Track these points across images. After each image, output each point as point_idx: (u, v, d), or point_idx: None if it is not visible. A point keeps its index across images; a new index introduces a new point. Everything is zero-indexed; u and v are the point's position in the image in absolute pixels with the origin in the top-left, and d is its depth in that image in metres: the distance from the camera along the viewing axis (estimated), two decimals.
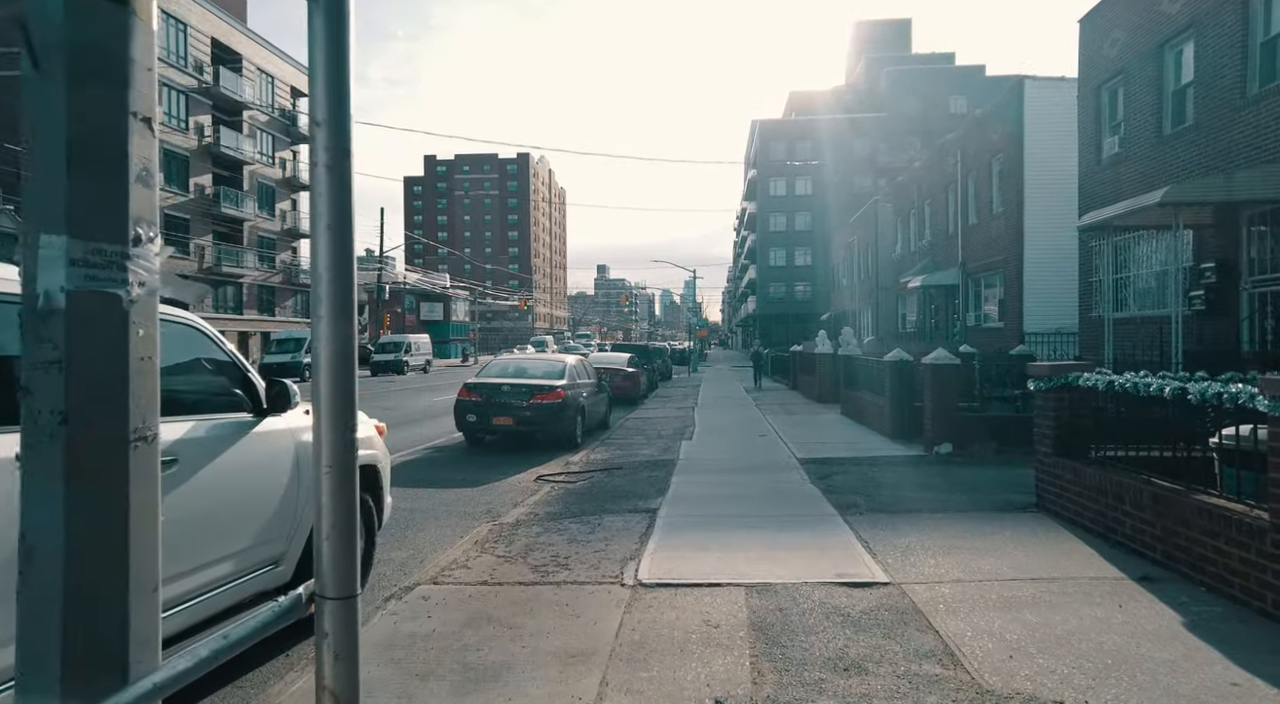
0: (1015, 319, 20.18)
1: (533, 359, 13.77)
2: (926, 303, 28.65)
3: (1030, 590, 4.68)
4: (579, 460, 11.09)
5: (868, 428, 13.99)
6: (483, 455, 11.88)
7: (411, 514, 7.74)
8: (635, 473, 9.82)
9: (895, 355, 12.47)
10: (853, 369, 16.13)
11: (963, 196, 24.11)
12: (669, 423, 16.20)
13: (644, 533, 6.41)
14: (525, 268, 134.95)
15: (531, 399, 11.87)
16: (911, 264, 29.97)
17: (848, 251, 43.84)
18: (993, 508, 7.12)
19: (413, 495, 8.70)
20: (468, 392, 12.14)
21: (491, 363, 13.60)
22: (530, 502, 8.21)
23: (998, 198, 21.50)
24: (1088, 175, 15.80)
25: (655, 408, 20.46)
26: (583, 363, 14.25)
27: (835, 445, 11.88)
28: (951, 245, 25.28)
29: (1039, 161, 19.51)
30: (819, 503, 7.54)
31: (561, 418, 12.01)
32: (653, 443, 12.88)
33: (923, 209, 28.90)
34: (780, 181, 72.63)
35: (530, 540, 6.31)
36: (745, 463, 10.33)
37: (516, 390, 11.97)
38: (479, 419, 11.91)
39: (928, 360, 10.40)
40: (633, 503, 7.83)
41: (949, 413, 10.28)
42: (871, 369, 14.16)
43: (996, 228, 21.35)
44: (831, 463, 10.03)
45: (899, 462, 10.04)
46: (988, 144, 21.75)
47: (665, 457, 11.11)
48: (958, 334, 24.44)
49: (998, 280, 21.82)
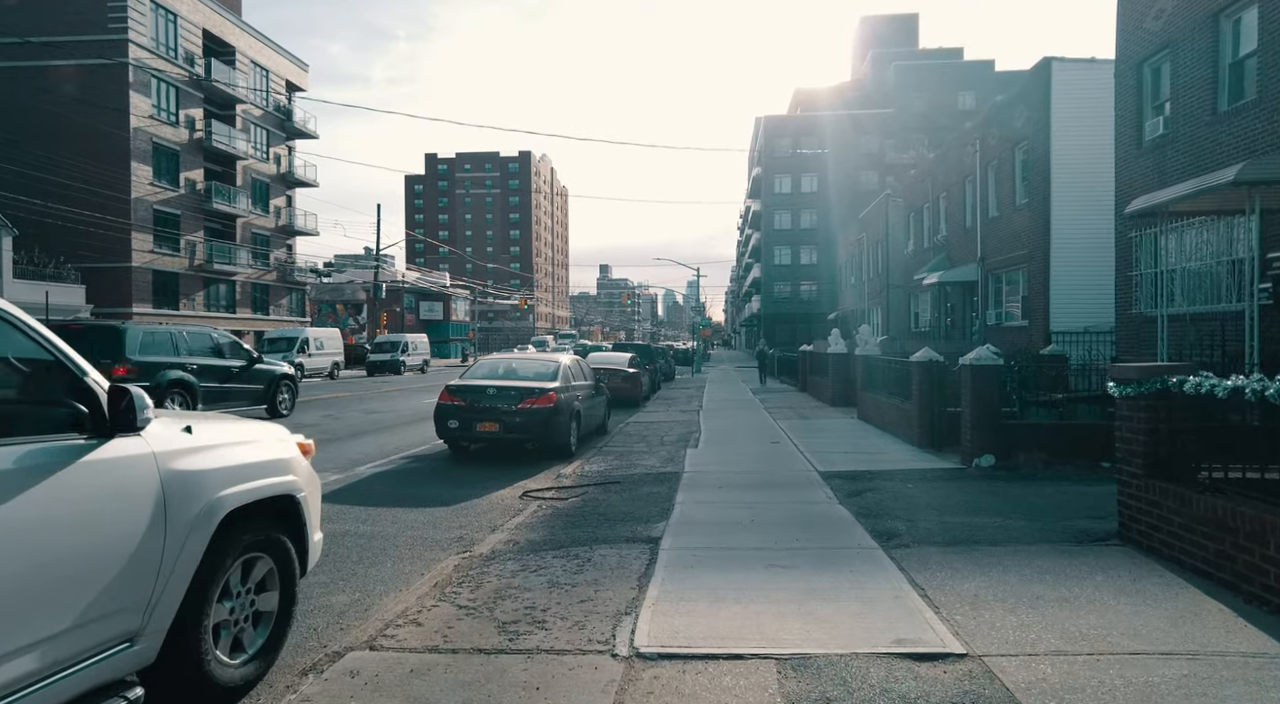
0: (1041, 317, 18.94)
1: (523, 359, 12.57)
2: (941, 301, 27.42)
3: (1167, 671, 3.46)
4: (572, 472, 9.89)
5: (891, 435, 12.77)
6: (465, 466, 10.68)
7: (369, 542, 6.54)
8: (635, 488, 8.62)
9: (924, 355, 11.25)
10: (872, 370, 14.90)
11: (982, 189, 22.88)
12: (672, 428, 15.00)
13: (643, 573, 5.21)
14: (527, 267, 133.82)
15: (520, 403, 10.66)
16: (925, 261, 28.75)
17: (856, 249, 42.60)
18: (1065, 538, 5.90)
19: (375, 517, 7.50)
20: (450, 395, 10.93)
21: (479, 363, 12.39)
22: (511, 525, 7.01)
23: (1021, 188, 20.27)
24: (1126, 161, 14.57)
25: (658, 411, 19.26)
26: (578, 363, 13.04)
27: (858, 455, 10.66)
28: (969, 240, 24.04)
29: (1068, 149, 18.27)
30: (853, 531, 6.32)
31: (553, 424, 10.81)
32: (655, 451, 11.67)
33: (937, 203, 27.67)
34: (785, 178, 71.37)
35: (503, 582, 5.11)
36: (759, 477, 9.12)
37: (503, 394, 10.77)
38: (461, 425, 10.70)
39: (967, 360, 9.19)
40: (631, 528, 6.63)
41: (991, 420, 9.06)
42: (894, 370, 12.94)
43: (1020, 220, 20.11)
44: (859, 478, 8.81)
45: (936, 476, 8.82)
46: (1010, 132, 20.52)
47: (668, 468, 9.91)
48: (976, 333, 23.21)
49: (1021, 276, 20.58)
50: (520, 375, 11.62)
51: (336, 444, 12.73)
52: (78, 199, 34.89)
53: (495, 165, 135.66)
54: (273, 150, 50.37)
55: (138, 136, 37.69)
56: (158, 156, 39.47)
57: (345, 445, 12.63)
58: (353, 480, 9.53)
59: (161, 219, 39.83)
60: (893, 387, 12.97)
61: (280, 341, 36.24)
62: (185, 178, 41.58)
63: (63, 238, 34.70)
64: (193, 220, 42.32)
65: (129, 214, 37.25)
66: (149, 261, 38.85)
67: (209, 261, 43.20)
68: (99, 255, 36.55)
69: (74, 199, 34.75)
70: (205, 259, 43.03)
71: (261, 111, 48.76)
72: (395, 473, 10.16)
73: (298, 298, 53.91)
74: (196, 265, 42.51)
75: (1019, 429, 9.18)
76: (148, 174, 38.51)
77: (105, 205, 35.94)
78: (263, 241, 49.40)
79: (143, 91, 37.97)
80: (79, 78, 36.38)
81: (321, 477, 9.96)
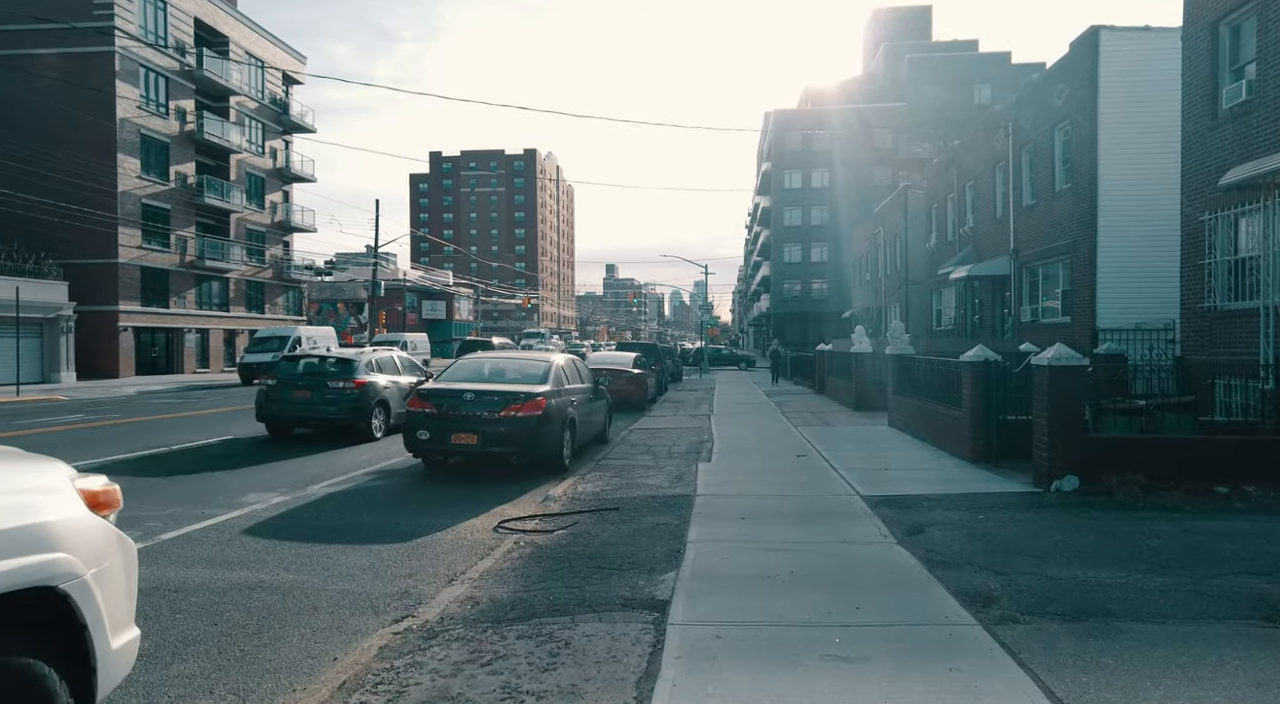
0: (1085, 313, 17.22)
1: (511, 358, 10.92)
2: (968, 297, 25.69)
3: None
4: (563, 493, 8.26)
5: (933, 446, 11.09)
6: (438, 485, 9.07)
7: (284, 600, 4.92)
8: (637, 517, 6.98)
9: (978, 354, 9.58)
10: (907, 372, 13.22)
11: (1015, 175, 21.15)
12: (681, 436, 13.36)
13: (644, 672, 3.56)
14: (532, 266, 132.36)
15: (503, 410, 9.02)
16: (949, 255, 27.02)
17: (871, 244, 40.85)
18: (1242, 611, 4.22)
19: (306, 559, 5.89)
20: (420, 401, 9.29)
21: (458, 363, 10.73)
22: (475, 574, 5.39)
23: (1062, 173, 18.54)
24: (1197, 133, 12.84)
25: (665, 415, 17.62)
26: (574, 363, 11.38)
27: (904, 473, 9.00)
28: (1000, 231, 22.32)
29: (1117, 127, 16.55)
30: (931, 592, 4.67)
31: (542, 434, 9.17)
32: (661, 465, 10.04)
33: (963, 192, 25.94)
34: (795, 174, 69.61)
35: (436, 689, 3.47)
36: (791, 503, 7.47)
37: (484, 399, 9.13)
38: (433, 437, 9.07)
39: (1044, 360, 7.51)
40: (629, 583, 4.99)
41: (1074, 434, 7.39)
42: (937, 372, 11.26)
43: (1061, 208, 18.39)
44: (913, 504, 7.15)
45: (1008, 503, 7.14)
46: (1049, 111, 18.79)
47: (677, 489, 8.27)
48: (1009, 331, 21.50)
49: (1061, 269, 18.86)
50: (505, 377, 9.99)
51: (298, 456, 11.14)
52: (61, 192, 33.43)
53: (500, 163, 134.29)
54: (268, 144, 48.91)
55: (125, 127, 36.25)
56: (146, 148, 38.02)
57: (307, 457, 11.03)
58: (299, 504, 7.92)
59: (150, 213, 38.39)
60: (936, 390, 11.29)
61: (271, 341, 34.75)
62: (176, 171, 40.12)
63: (45, 232, 33.26)
64: (184, 215, 40.86)
65: (115, 208, 35.80)
66: (137, 257, 37.41)
67: (201, 258, 41.74)
68: (83, 251, 35.12)
69: (57, 191, 33.30)
70: (197, 255, 41.57)
71: (256, 104, 47.31)
72: (353, 494, 8.54)
73: (294, 296, 52.48)
74: (188, 262, 41.05)
75: (1108, 445, 7.50)
76: (135, 166, 37.05)
77: (90, 199, 34.49)
78: (258, 238, 47.96)
79: (130, 81, 36.53)
80: (63, 66, 34.98)
81: (264, 499, 8.23)
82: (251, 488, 8.67)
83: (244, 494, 8.32)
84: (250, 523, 7.04)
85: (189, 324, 41.68)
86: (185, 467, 10.04)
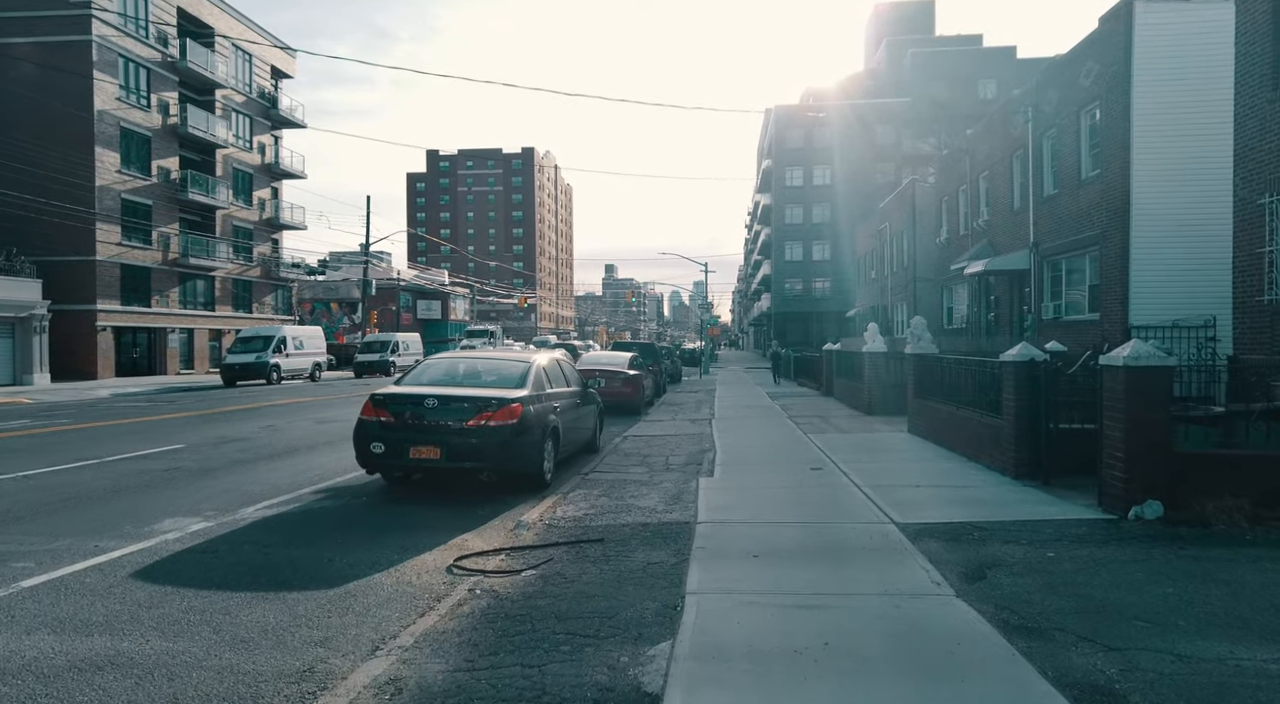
0: (1116, 308, 15.92)
1: (486, 359, 9.57)
2: (982, 293, 24.39)
3: None
4: (539, 518, 6.95)
5: (965, 458, 9.79)
6: (394, 507, 7.76)
7: (134, 690, 3.61)
8: (623, 554, 5.68)
9: (1022, 352, 8.28)
10: (931, 373, 11.90)
11: (1035, 163, 19.85)
12: (680, 444, 12.05)
13: None
14: (530, 265, 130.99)
15: (472, 419, 7.70)
16: (962, 250, 25.74)
17: (876, 240, 39.54)
18: None
19: (193, 616, 4.57)
20: (375, 408, 7.95)
21: (425, 364, 9.39)
22: (408, 641, 4.08)
23: (1089, 159, 17.24)
24: (1254, 107, 11.53)
25: (662, 419, 16.31)
26: (559, 364, 10.06)
27: (939, 492, 7.69)
28: (1018, 223, 21.03)
29: (1154, 107, 15.24)
30: (1022, 683, 3.36)
31: (518, 446, 7.85)
32: (657, 480, 8.73)
33: (976, 184, 24.64)
34: (796, 171, 68.30)
35: None
36: (811, 532, 6.16)
37: (449, 405, 7.80)
38: (389, 450, 7.74)
39: (1118, 359, 6.19)
40: (608, 661, 3.69)
41: (1158, 450, 6.07)
42: (970, 374, 9.94)
43: (1088, 196, 17.09)
44: (962, 536, 5.84)
45: (1082, 535, 5.82)
46: (1075, 92, 17.49)
47: (674, 514, 6.96)
48: (1029, 329, 20.19)
49: (1087, 262, 17.56)
50: (477, 380, 8.67)
51: (245, 468, 9.81)
52: (35, 186, 32.11)
53: (498, 162, 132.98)
54: (256, 139, 47.56)
55: (103, 120, 34.91)
56: (126, 142, 36.67)
57: (255, 470, 9.70)
58: (221, 532, 6.60)
59: (131, 209, 37.05)
60: (967, 395, 9.98)
61: (255, 340, 33.43)
62: (158, 166, 38.78)
63: (18, 228, 31.94)
64: (167, 211, 39.52)
65: (93, 203, 34.46)
66: (116, 255, 36.07)
67: (185, 255, 40.40)
68: (59, 247, 33.81)
69: (31, 186, 31.97)
70: (181, 253, 40.22)
71: (244, 98, 45.96)
72: (292, 519, 7.22)
73: (284, 295, 51.14)
74: (171, 259, 39.71)
75: (1205, 463, 6.17)
76: (114, 160, 35.71)
77: (67, 193, 33.16)
78: (245, 235, 46.62)
79: (109, 71, 35.20)
80: (38, 55, 33.64)
81: (181, 527, 6.56)
82: (172, 511, 7.36)
83: (159, 520, 7.00)
84: (149, 561, 5.73)
85: (172, 324, 40.35)
86: (107, 484, 8.71)
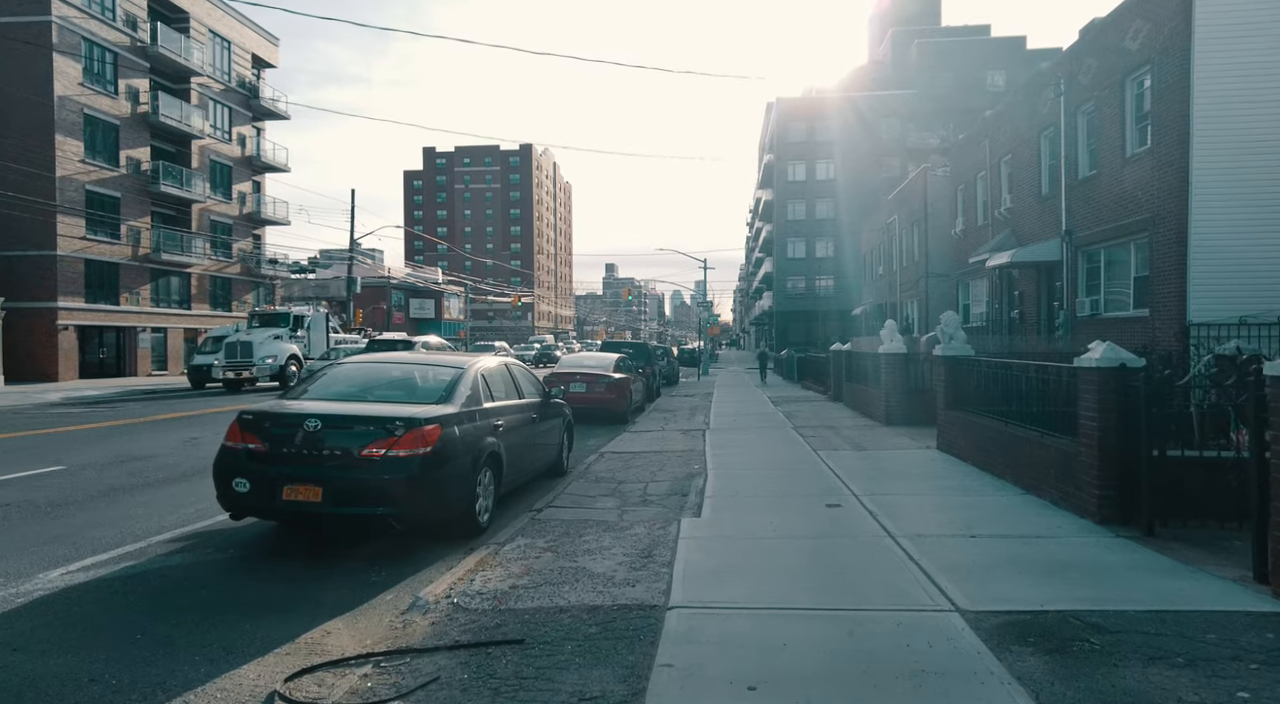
0: (1171, 303, 13.85)
1: (410, 365, 7.37)
2: (1004, 288, 22.32)
3: None
4: (443, 595, 4.89)
5: (1020, 489, 7.72)
6: (260, 568, 5.71)
7: None
8: (545, 678, 3.62)
9: (1107, 355, 6.22)
10: (968, 380, 9.81)
11: (1068, 142, 17.78)
12: (666, 464, 10.00)
13: None
14: (528, 264, 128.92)
15: (367, 447, 5.64)
16: (980, 242, 23.67)
17: (884, 235, 37.45)
18: None
19: None
20: (243, 431, 5.88)
21: (330, 371, 7.24)
22: None
23: (1136, 133, 15.17)
24: None
25: (650, 429, 14.26)
26: (507, 370, 7.97)
27: (1004, 548, 5.63)
28: (1047, 210, 18.97)
29: (1217, 70, 13.17)
30: None
31: (432, 484, 5.78)
32: (626, 523, 6.68)
33: (997, 169, 22.56)
34: (799, 165, 66.17)
35: None
36: (838, 630, 4.10)
37: (338, 429, 5.73)
38: (256, 489, 5.66)
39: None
40: None
41: None
42: (1029, 382, 7.86)
43: (1134, 176, 15.02)
44: (1072, 641, 3.78)
45: (1274, 647, 3.77)
46: (1120, 58, 15.42)
47: (637, 591, 4.89)
48: (1060, 327, 18.14)
49: (1132, 251, 15.50)
50: (391, 393, 6.60)
51: (112, 501, 7.75)
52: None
53: (495, 159, 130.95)
54: (236, 130, 45.53)
55: (64, 106, 32.89)
56: (91, 130, 34.65)
57: (121, 505, 7.63)
58: None
59: (96, 201, 35.03)
60: (1023, 408, 7.91)
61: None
62: (127, 156, 36.76)
63: None
64: (137, 204, 37.50)
65: (54, 194, 32.45)
66: (80, 249, 34.04)
67: (157, 251, 38.38)
68: (16, 241, 31.85)
69: None
70: (152, 248, 38.22)
71: (222, 87, 43.95)
72: (100, 589, 5.16)
73: (266, 293, 49.10)
74: (141, 255, 37.70)
75: None
76: (78, 149, 33.70)
77: (24, 184, 31.17)
78: (224, 230, 44.61)
79: (71, 55, 33.18)
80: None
81: None
82: None
83: None
84: None
85: (144, 323, 38.33)
86: None
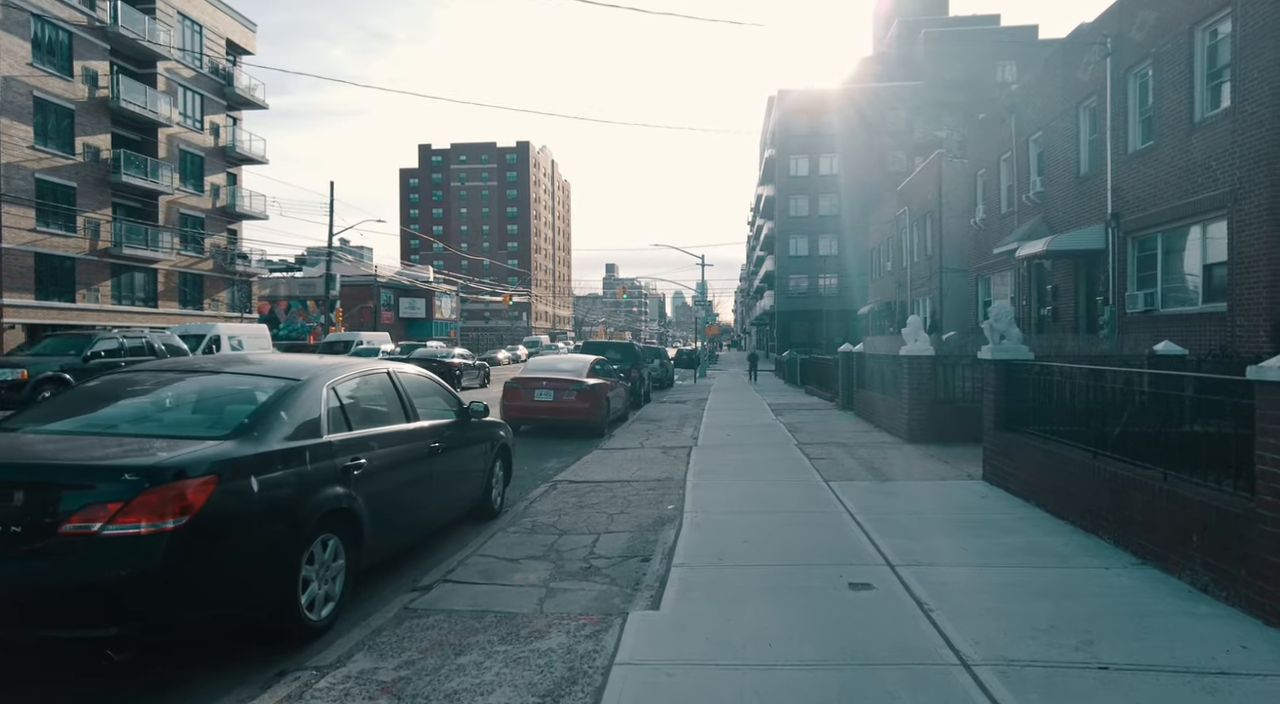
0: (1259, 295, 11.40)
1: (219, 373, 4.68)
2: (1032, 282, 19.88)
3: None
4: None
5: (1134, 558, 5.28)
6: None
7: None
8: None
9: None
10: (1029, 392, 7.34)
11: (1116, 110, 15.35)
12: (631, 501, 7.56)
13: None
14: (525, 263, 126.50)
15: (69, 519, 3.23)
16: (1003, 232, 21.24)
17: (893, 228, 35.02)
18: None
19: None
20: None
21: (67, 392, 4.50)
22: None
23: (1208, 94, 12.74)
24: None
25: (627, 446, 11.80)
26: (390, 379, 5.47)
27: (1174, 696, 3.19)
28: (1088, 193, 16.53)
29: None
30: None
31: (182, 585, 3.32)
32: (545, 617, 4.27)
33: (1024, 149, 20.12)
34: (801, 160, 63.74)
35: None
36: None
37: (22, 487, 3.33)
38: None
39: None
40: None
41: None
42: (1143, 397, 5.40)
43: (1206, 144, 12.58)
44: None
45: None
46: (1187, 4, 12.99)
47: None
48: (1105, 326, 15.69)
49: (1199, 235, 13.08)
50: (151, 425, 4.15)
51: None
52: None
53: (492, 156, 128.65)
54: (209, 119, 43.15)
55: (10, 88, 30.53)
56: (42, 114, 32.30)
57: None
58: None
59: (48, 191, 32.68)
60: (1133, 439, 5.45)
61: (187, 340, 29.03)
62: (84, 143, 34.41)
63: None
64: (95, 195, 35.15)
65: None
66: (29, 242, 31.68)
67: (118, 244, 36.03)
68: None
69: None
70: (113, 241, 35.87)
71: (193, 73, 41.58)
72: None
73: (241, 291, 46.71)
74: (100, 248, 35.36)
75: None
76: (26, 134, 31.33)
77: None
78: (196, 224, 42.24)
79: (17, 33, 30.82)
80: None
81: None
82: None
83: None
84: None
85: (103, 321, 35.87)
86: None
